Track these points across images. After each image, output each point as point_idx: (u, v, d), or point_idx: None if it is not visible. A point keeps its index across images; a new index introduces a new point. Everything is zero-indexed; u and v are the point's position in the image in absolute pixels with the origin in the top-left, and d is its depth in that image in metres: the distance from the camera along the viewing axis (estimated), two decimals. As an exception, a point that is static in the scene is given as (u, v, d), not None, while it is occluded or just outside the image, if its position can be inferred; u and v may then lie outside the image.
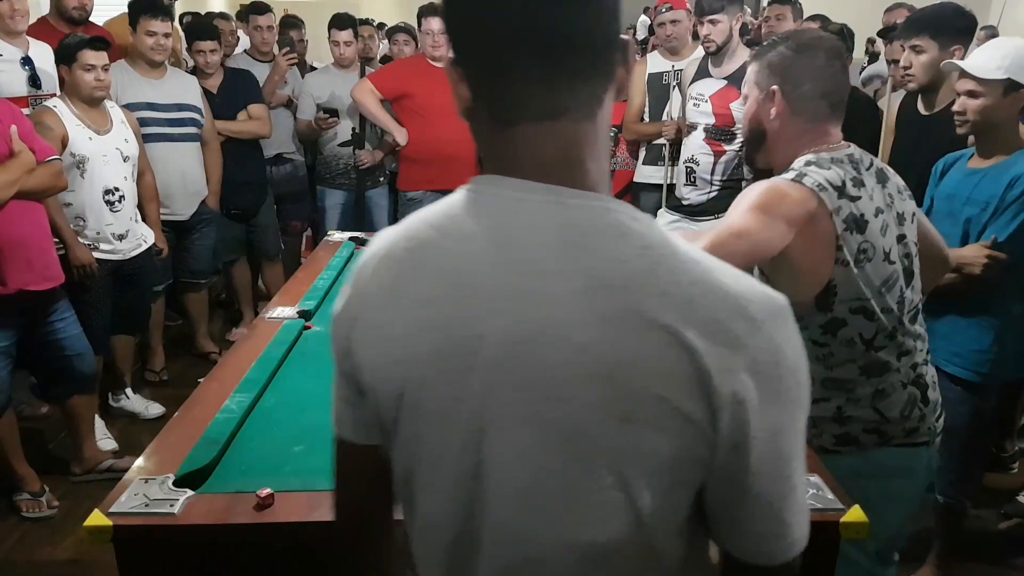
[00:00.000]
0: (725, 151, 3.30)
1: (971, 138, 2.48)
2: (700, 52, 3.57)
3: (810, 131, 1.58)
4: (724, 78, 3.29)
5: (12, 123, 2.58)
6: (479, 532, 0.78)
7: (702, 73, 3.40)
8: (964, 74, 2.15)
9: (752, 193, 1.52)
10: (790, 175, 1.53)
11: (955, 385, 2.21)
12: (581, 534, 0.74)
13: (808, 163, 1.54)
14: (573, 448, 0.72)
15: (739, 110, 3.26)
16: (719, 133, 3.29)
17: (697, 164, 3.34)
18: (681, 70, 3.66)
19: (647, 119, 3.91)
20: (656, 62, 3.88)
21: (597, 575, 0.76)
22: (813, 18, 3.83)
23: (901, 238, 1.62)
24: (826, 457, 1.61)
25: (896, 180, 1.67)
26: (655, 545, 0.76)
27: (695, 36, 3.82)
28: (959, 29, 2.61)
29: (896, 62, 3.03)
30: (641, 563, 0.76)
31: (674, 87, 3.76)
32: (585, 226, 0.72)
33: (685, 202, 3.40)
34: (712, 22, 3.23)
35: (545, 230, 0.72)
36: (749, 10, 7.07)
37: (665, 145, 3.79)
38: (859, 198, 1.53)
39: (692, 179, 3.38)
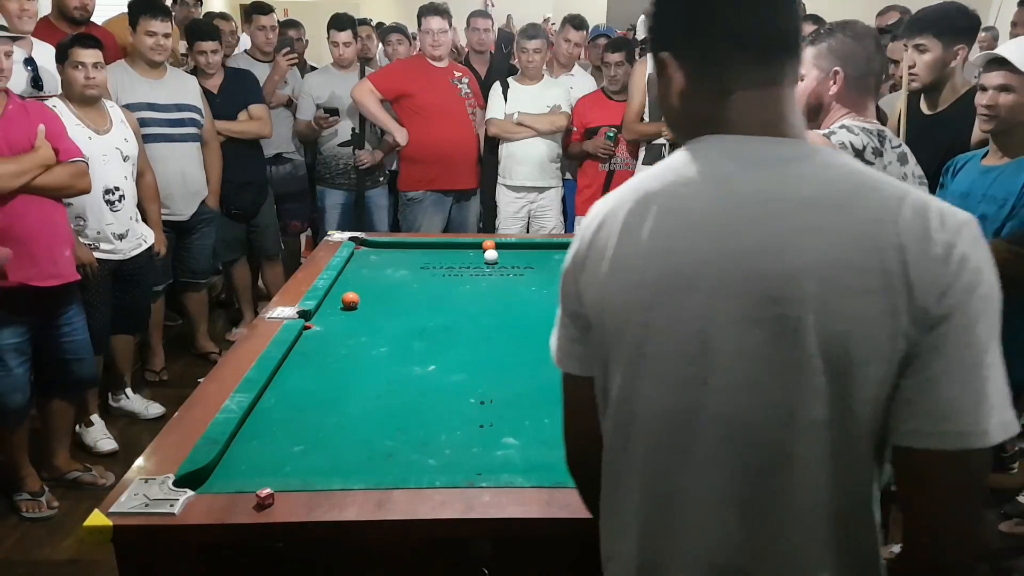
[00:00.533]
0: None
1: (974, 137, 2.47)
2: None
3: (856, 103, 1.87)
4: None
5: (41, 122, 2.62)
6: (697, 429, 0.90)
7: None
8: (1000, 67, 2.11)
9: None
10: (824, 131, 1.83)
11: None
12: (796, 414, 0.86)
13: (842, 126, 1.82)
14: (789, 342, 0.84)
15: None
16: None
17: None
18: None
19: (647, 119, 3.91)
20: None
21: (808, 455, 0.87)
22: (806, 19, 3.83)
23: None
24: None
25: (916, 168, 1.90)
26: (852, 431, 0.86)
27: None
28: (963, 28, 2.60)
29: (895, 62, 3.03)
30: (842, 443, 0.87)
31: None
32: (794, 161, 0.89)
33: None
34: None
35: (759, 167, 0.89)
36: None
37: (665, 145, 3.79)
38: (872, 163, 1.76)
39: None
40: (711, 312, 0.87)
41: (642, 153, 3.95)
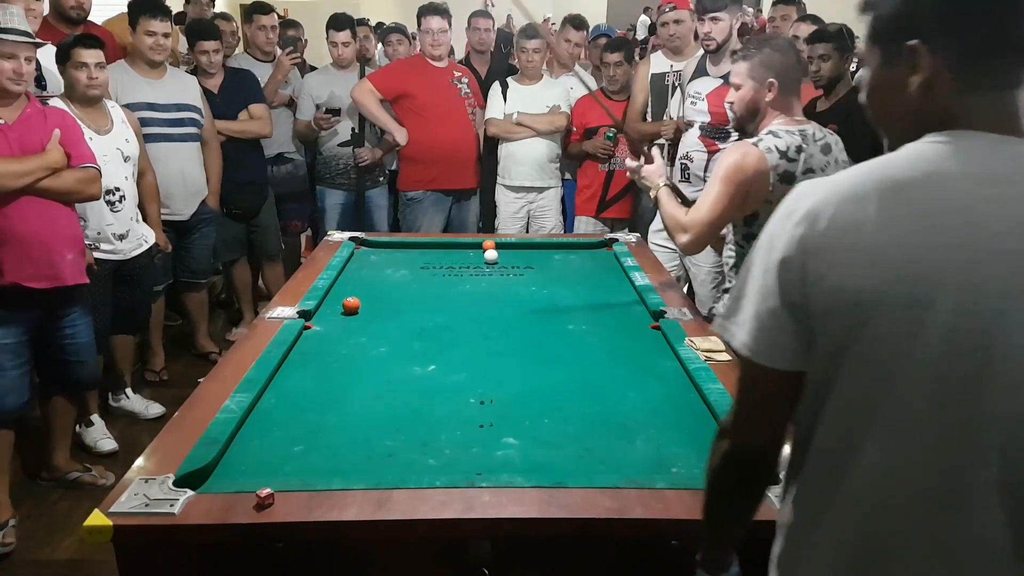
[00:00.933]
0: (719, 149, 3.31)
1: None
2: (701, 52, 3.57)
3: (786, 106, 2.23)
4: (720, 77, 3.30)
5: (58, 127, 2.63)
6: (970, 431, 0.90)
7: (700, 71, 3.42)
8: None
9: (729, 159, 2.17)
10: (754, 140, 2.18)
11: None
12: None
13: (769, 132, 2.18)
14: None
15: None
16: (714, 132, 3.30)
17: (691, 161, 3.37)
18: (680, 71, 3.68)
19: (649, 119, 3.92)
20: (659, 62, 3.89)
21: None
22: (805, 19, 3.83)
23: None
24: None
25: (840, 155, 2.26)
26: None
27: (697, 36, 3.82)
28: None
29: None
30: None
31: (675, 87, 3.77)
32: None
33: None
34: (713, 20, 3.25)
35: None
36: (751, 11, 7.07)
37: (664, 144, 3.80)
38: (795, 160, 2.15)
39: (687, 176, 3.42)
40: (1000, 311, 0.87)
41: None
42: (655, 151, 2.56)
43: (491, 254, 3.02)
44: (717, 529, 1.16)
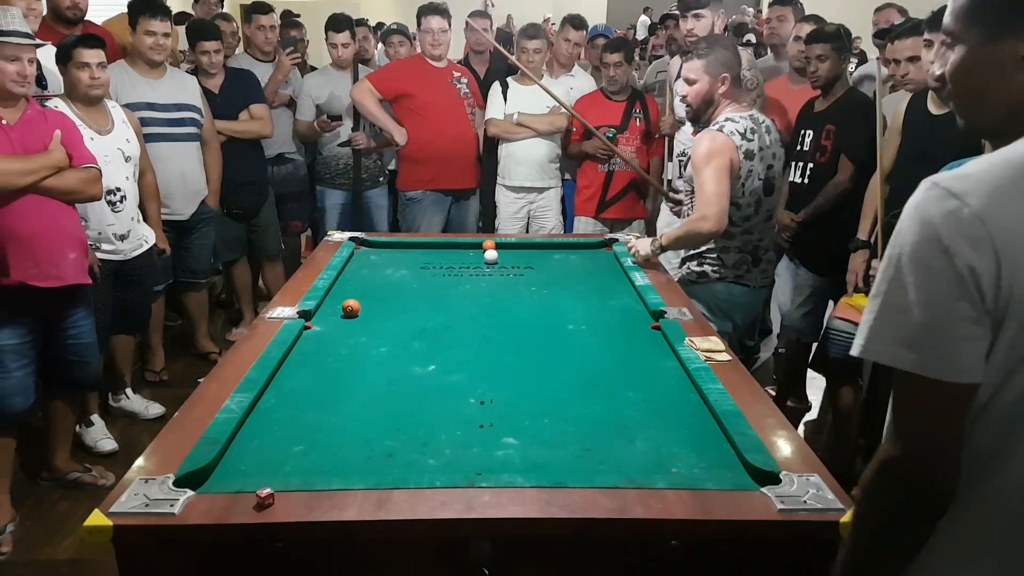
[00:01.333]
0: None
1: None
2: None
3: (736, 96, 2.64)
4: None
5: (58, 129, 2.64)
6: None
7: None
8: None
9: (702, 145, 2.55)
10: (716, 127, 2.58)
11: None
12: None
13: (726, 119, 2.59)
14: None
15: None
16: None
17: (687, 158, 3.39)
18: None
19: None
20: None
21: None
22: (807, 19, 3.84)
23: (769, 167, 2.66)
24: (690, 287, 2.70)
25: (776, 136, 2.70)
26: None
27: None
28: None
29: (896, 62, 3.03)
30: None
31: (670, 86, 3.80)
32: None
33: (678, 195, 3.46)
34: (696, 16, 3.28)
35: None
36: (751, 11, 7.07)
37: (665, 141, 3.83)
38: (752, 140, 2.57)
39: (683, 172, 3.43)
40: None
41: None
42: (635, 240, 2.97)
43: (491, 254, 3.02)
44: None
